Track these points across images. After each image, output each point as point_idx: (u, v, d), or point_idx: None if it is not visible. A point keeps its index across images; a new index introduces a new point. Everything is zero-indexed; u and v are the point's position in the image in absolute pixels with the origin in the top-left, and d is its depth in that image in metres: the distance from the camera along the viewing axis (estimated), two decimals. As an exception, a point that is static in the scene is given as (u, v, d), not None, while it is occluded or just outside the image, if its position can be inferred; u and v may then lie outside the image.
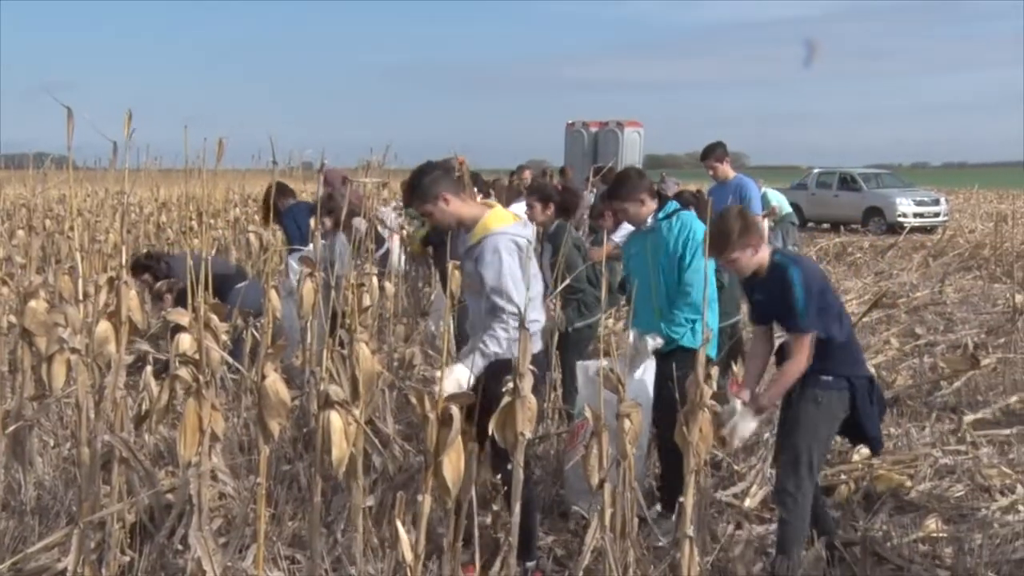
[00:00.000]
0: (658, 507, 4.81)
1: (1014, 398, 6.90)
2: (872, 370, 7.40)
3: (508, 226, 3.99)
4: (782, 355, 4.20)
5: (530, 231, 4.16)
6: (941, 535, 4.58)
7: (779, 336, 4.29)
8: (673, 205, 4.97)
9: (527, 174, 14.86)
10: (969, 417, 6.52)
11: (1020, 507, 5.02)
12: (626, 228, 6.13)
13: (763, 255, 4.10)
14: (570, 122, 29.02)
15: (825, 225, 25.19)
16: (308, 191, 14.00)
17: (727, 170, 8.09)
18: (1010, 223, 17.52)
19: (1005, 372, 7.79)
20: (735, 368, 6.07)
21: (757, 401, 4.08)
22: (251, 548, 3.74)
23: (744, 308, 5.74)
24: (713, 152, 8.07)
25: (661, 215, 4.91)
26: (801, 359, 3.98)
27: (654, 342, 4.71)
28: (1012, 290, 10.87)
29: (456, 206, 4.04)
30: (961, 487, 5.32)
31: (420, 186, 4.06)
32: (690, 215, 4.93)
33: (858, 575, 4.09)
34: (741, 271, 4.15)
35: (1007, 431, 6.29)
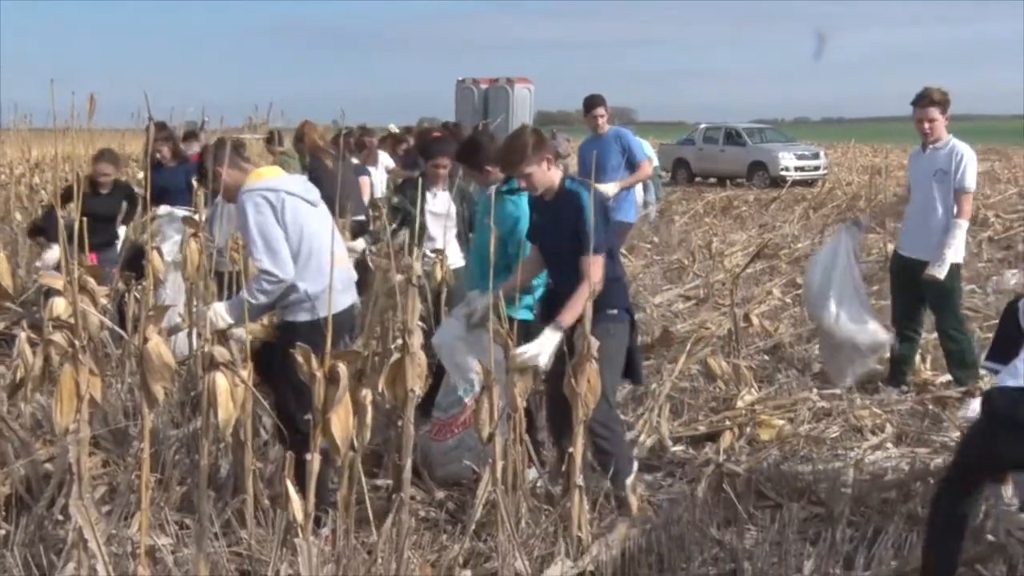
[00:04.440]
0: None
1: (887, 343, 7.22)
2: (756, 319, 7.69)
3: (261, 181, 4.02)
4: (553, 305, 4.21)
5: (296, 185, 4.16)
6: (817, 473, 4.79)
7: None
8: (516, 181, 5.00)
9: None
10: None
11: (888, 445, 5.31)
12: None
13: (555, 175, 4.22)
14: (460, 79, 28.81)
15: (712, 179, 25.78)
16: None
17: (606, 123, 8.22)
18: (883, 175, 18.24)
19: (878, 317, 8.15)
20: None
21: (558, 321, 4.06)
22: (137, 515, 3.67)
23: None
24: (602, 102, 8.15)
25: (505, 188, 4.91)
26: (594, 279, 4.03)
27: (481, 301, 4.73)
28: (884, 240, 11.34)
29: (229, 175, 4.10)
30: (836, 428, 5.58)
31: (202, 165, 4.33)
32: (524, 200, 4.87)
33: (741, 512, 4.25)
34: (534, 186, 4.24)
35: (879, 367, 6.63)
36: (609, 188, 7.68)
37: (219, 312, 3.91)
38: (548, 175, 4.21)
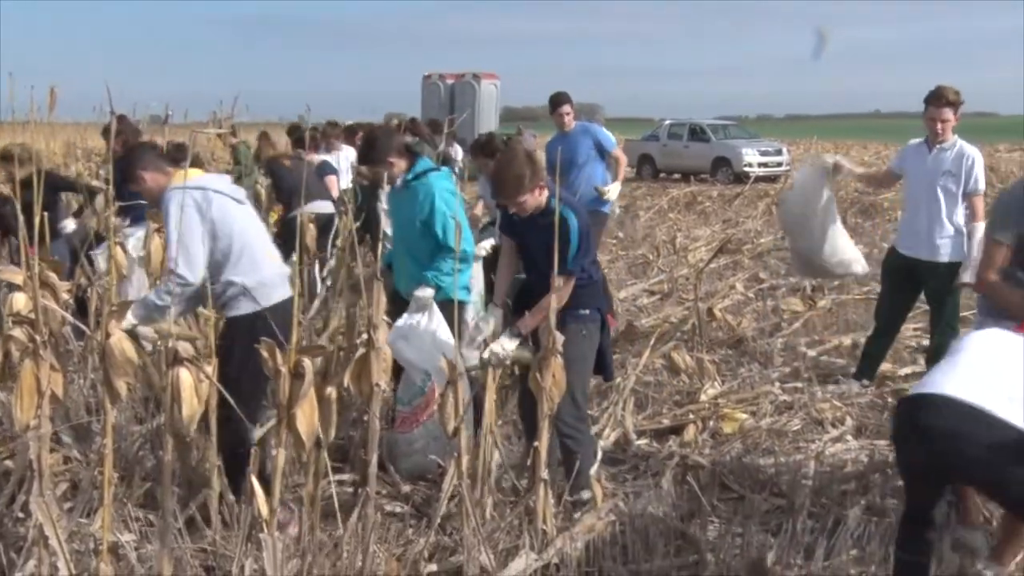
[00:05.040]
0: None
1: (847, 339, 7.33)
2: (719, 313, 7.76)
3: (187, 181, 4.01)
4: (528, 297, 4.30)
5: (222, 183, 4.18)
6: (779, 465, 4.86)
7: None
8: (422, 165, 5.05)
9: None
10: (809, 353, 6.91)
11: (848, 437, 5.39)
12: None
13: (544, 196, 4.23)
14: (427, 74, 28.76)
15: (676, 175, 25.91)
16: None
17: (572, 120, 8.20)
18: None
19: (839, 313, 8.27)
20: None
21: (516, 327, 4.18)
22: (99, 512, 3.64)
23: None
24: (568, 99, 8.14)
25: (410, 176, 5.00)
26: (563, 296, 4.14)
27: (423, 293, 4.78)
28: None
29: (152, 179, 4.12)
30: (798, 421, 5.65)
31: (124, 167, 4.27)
32: (436, 176, 5.01)
33: (704, 504, 4.30)
34: (525, 210, 4.24)
35: (840, 361, 6.73)
36: (612, 192, 7.87)
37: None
38: (540, 199, 4.22)
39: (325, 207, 8.23)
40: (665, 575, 3.78)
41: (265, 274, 4.06)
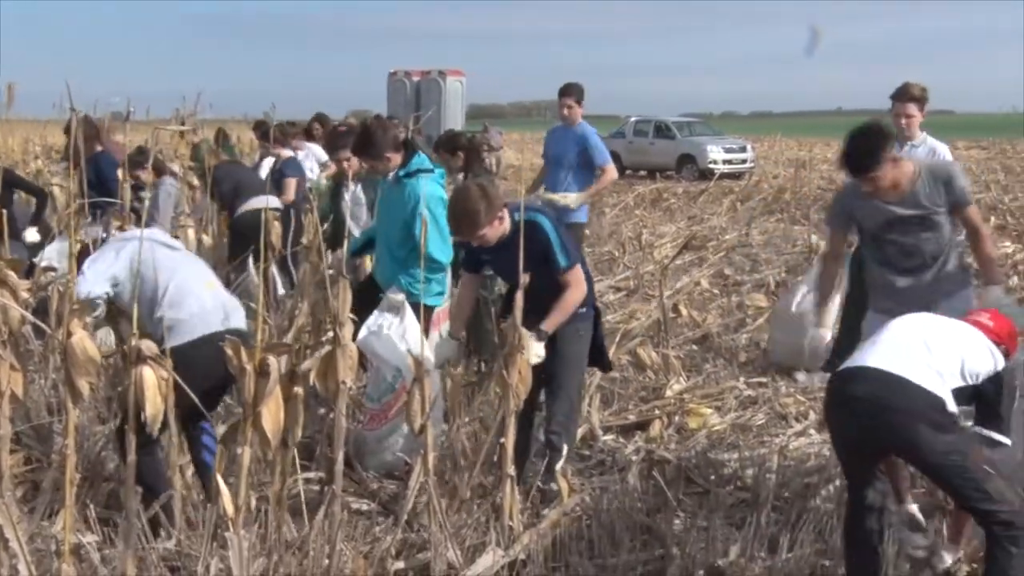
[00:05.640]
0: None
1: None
2: (684, 309, 7.82)
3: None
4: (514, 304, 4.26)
5: (156, 234, 4.28)
6: (744, 460, 4.91)
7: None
8: (418, 163, 5.02)
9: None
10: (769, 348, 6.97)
11: (811, 431, 5.45)
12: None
13: (506, 223, 4.20)
14: (392, 71, 28.66)
15: (642, 172, 26.02)
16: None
17: (578, 114, 7.52)
18: (808, 169, 18.66)
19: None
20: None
21: (541, 329, 4.16)
22: (61, 513, 3.61)
23: None
24: (572, 92, 7.51)
25: (403, 172, 4.98)
26: (580, 289, 4.24)
27: (395, 296, 4.79)
28: (809, 231, 11.61)
29: None
30: (762, 416, 5.71)
31: None
32: (427, 178, 4.98)
33: (670, 498, 4.34)
34: (488, 243, 4.23)
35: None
36: (571, 200, 7.18)
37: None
38: (501, 228, 4.20)
39: (267, 203, 8.11)
40: (631, 569, 3.80)
41: (191, 310, 4.05)
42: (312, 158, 9.71)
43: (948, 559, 3.70)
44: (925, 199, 4.14)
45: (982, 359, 3.33)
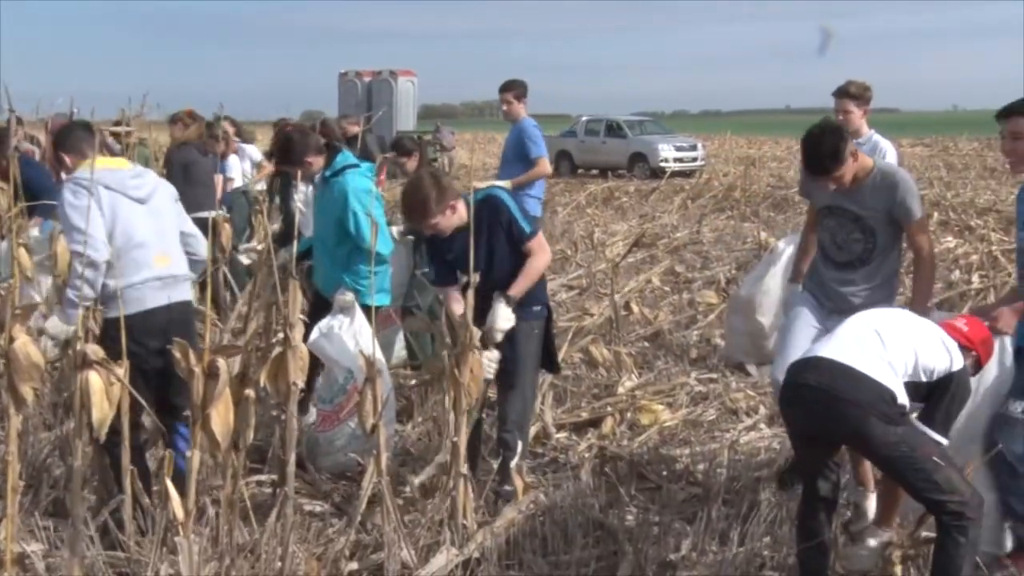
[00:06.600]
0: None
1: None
2: (636, 307, 7.88)
3: (80, 172, 3.95)
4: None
5: (120, 179, 4.00)
6: (695, 455, 4.96)
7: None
8: (341, 161, 5.06)
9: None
10: (724, 345, 7.05)
11: (762, 426, 5.52)
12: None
13: (462, 212, 4.21)
14: (343, 71, 28.50)
15: (594, 171, 26.15)
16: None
17: (519, 110, 7.47)
18: (757, 167, 18.89)
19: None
20: None
21: (508, 294, 4.20)
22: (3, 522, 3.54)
23: None
24: (511, 87, 7.51)
25: (328, 173, 5.03)
26: (545, 253, 4.34)
27: (343, 297, 4.78)
28: (759, 228, 11.78)
29: (74, 163, 4.05)
30: (713, 411, 5.77)
31: None
32: (352, 175, 5.00)
33: (622, 495, 4.37)
34: (442, 231, 4.24)
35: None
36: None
37: (57, 328, 3.84)
38: (455, 217, 4.20)
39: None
40: (584, 566, 3.82)
41: (143, 277, 3.93)
42: (247, 159, 9.67)
43: (873, 543, 3.78)
44: (867, 198, 4.10)
45: (937, 356, 3.36)
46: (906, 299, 4.63)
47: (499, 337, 4.19)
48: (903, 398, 3.28)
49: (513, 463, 4.28)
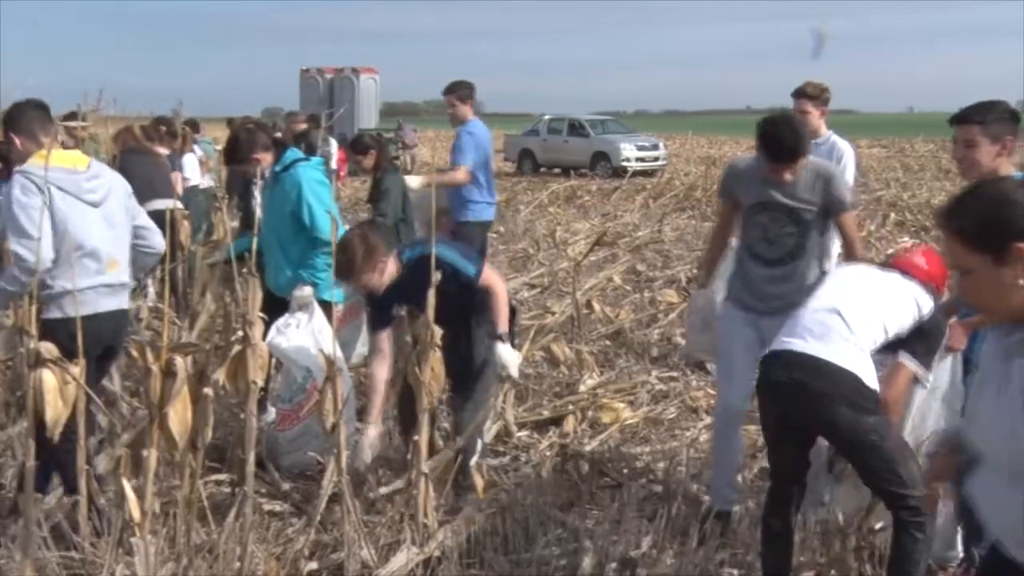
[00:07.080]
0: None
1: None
2: (597, 305, 7.90)
3: (32, 165, 3.79)
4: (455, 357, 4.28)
5: (72, 180, 3.87)
6: (656, 453, 4.99)
7: None
8: (290, 156, 5.06)
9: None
10: (684, 343, 7.09)
11: (722, 423, 5.56)
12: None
13: (391, 268, 4.17)
14: (304, 68, 28.33)
15: (556, 170, 26.22)
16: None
17: (465, 111, 7.15)
18: (718, 166, 19.02)
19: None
20: None
21: (498, 335, 4.22)
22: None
23: None
24: (453, 89, 7.14)
25: (279, 168, 5.03)
26: (500, 284, 4.31)
27: (301, 292, 4.76)
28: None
29: (24, 147, 3.90)
30: (673, 409, 5.81)
31: None
32: (303, 167, 5.01)
33: (583, 493, 4.38)
34: (375, 291, 4.21)
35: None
36: (411, 181, 6.85)
37: None
38: (385, 278, 4.16)
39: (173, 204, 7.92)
40: (545, 563, 3.83)
41: (92, 282, 3.84)
42: (196, 156, 9.63)
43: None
44: (802, 191, 4.09)
45: (905, 313, 3.39)
46: None
47: (516, 373, 4.25)
48: (873, 381, 3.28)
49: (472, 461, 4.27)
